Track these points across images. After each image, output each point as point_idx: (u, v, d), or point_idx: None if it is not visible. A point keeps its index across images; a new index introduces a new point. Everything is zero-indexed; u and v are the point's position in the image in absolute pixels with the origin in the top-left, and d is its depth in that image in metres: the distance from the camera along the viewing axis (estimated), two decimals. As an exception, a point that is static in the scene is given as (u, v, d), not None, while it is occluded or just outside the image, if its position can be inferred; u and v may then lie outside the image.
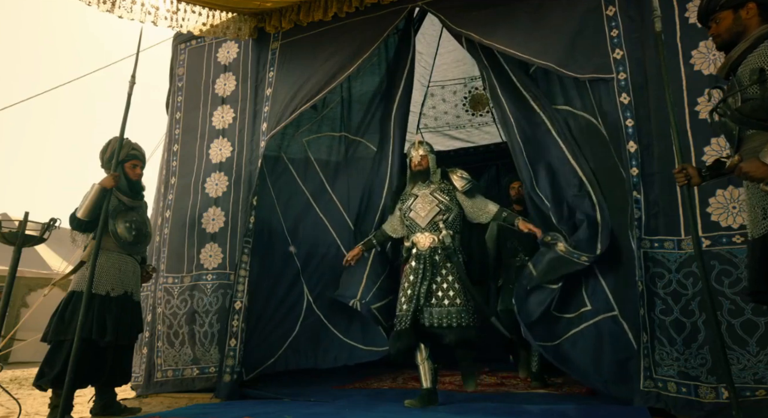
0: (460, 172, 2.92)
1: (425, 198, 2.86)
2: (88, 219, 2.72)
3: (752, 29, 1.56)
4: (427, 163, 2.90)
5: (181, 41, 3.92)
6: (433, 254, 2.70)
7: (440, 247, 2.72)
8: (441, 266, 2.68)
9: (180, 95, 3.82)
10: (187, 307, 3.27)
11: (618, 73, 2.58)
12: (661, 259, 2.33)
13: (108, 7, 2.71)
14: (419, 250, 2.74)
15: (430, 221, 2.78)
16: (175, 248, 3.40)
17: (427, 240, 2.74)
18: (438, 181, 2.91)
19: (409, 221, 2.87)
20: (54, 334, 2.59)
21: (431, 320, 2.57)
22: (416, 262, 2.72)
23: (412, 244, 2.81)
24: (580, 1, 2.69)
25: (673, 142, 2.30)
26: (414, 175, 2.93)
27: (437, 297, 2.61)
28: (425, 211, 2.82)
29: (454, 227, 2.82)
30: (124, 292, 2.79)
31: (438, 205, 2.81)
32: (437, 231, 2.75)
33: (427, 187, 2.89)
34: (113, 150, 2.77)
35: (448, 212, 2.81)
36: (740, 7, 1.58)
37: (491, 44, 2.82)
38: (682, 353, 2.18)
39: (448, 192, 2.86)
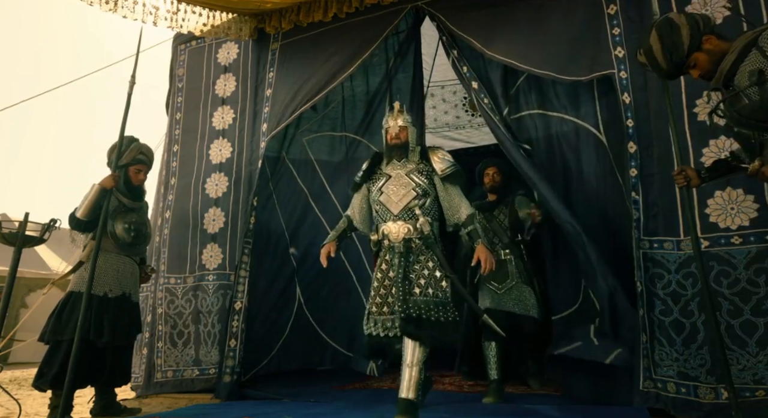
0: (442, 152, 2.51)
1: (399, 180, 2.42)
2: (88, 219, 2.73)
3: (726, 47, 1.62)
4: (406, 136, 2.47)
5: (181, 42, 3.92)
6: (407, 247, 2.31)
7: (417, 237, 2.32)
8: (418, 259, 2.30)
9: (180, 96, 3.82)
10: (191, 307, 3.28)
11: (619, 71, 2.58)
12: (661, 259, 2.33)
13: (111, 6, 2.72)
14: (392, 242, 2.34)
15: (405, 207, 2.36)
16: (177, 249, 3.41)
17: (400, 230, 2.33)
18: (417, 160, 2.48)
19: (378, 205, 2.44)
20: (51, 334, 2.60)
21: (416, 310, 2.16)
22: (391, 254, 2.33)
23: (383, 235, 2.39)
24: (581, 2, 2.69)
25: (672, 144, 2.33)
26: (389, 150, 2.49)
27: (419, 285, 2.23)
28: (399, 195, 2.39)
29: (432, 214, 2.42)
30: (122, 293, 2.79)
31: (415, 188, 2.39)
32: (412, 219, 2.34)
33: (402, 167, 2.46)
34: (120, 152, 2.78)
35: (425, 196, 2.40)
36: (702, 45, 1.66)
37: (493, 55, 2.81)
38: (682, 353, 2.18)
39: (427, 174, 2.44)
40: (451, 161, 2.46)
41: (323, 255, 2.45)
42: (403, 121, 2.51)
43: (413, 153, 2.51)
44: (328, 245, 2.49)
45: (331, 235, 2.57)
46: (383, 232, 2.39)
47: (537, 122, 3.15)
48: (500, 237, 3.01)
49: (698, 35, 1.66)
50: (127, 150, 2.83)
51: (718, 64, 1.61)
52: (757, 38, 1.52)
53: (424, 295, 2.21)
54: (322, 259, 2.45)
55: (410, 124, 2.55)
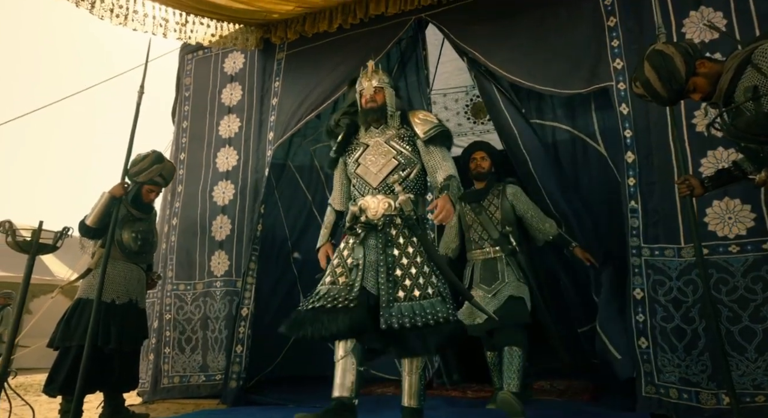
0: (424, 113, 2.24)
1: (378, 148, 2.14)
2: (97, 226, 2.78)
3: (720, 68, 1.68)
4: (382, 98, 2.16)
5: (188, 52, 3.99)
6: (387, 226, 2.02)
7: (398, 215, 2.03)
8: (399, 242, 2.00)
9: (187, 105, 3.88)
10: (200, 313, 3.32)
11: (618, 82, 2.64)
12: (662, 266, 2.37)
13: (121, 20, 2.78)
14: (369, 219, 2.05)
15: (385, 179, 2.09)
16: (186, 255, 3.45)
17: (380, 205, 2.05)
18: (397, 125, 2.20)
19: (356, 178, 2.17)
20: (60, 340, 2.65)
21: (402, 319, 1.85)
22: (364, 231, 2.03)
23: (360, 210, 2.09)
24: (581, 14, 2.75)
25: (672, 153, 2.40)
26: (365, 115, 2.18)
27: (403, 287, 1.92)
28: (378, 165, 2.10)
29: (417, 188, 2.14)
30: (129, 300, 2.84)
31: (396, 157, 2.11)
32: (394, 193, 2.07)
33: (381, 134, 2.17)
34: (141, 167, 2.86)
35: (409, 166, 2.11)
36: (697, 69, 1.73)
37: (495, 69, 2.87)
38: (683, 359, 2.22)
39: (409, 140, 2.15)
40: (434, 122, 2.16)
41: (322, 260, 2.24)
42: (379, 82, 2.17)
43: (393, 118, 2.20)
44: (325, 248, 2.26)
45: (322, 234, 2.31)
46: (360, 206, 2.09)
47: (537, 132, 3.23)
48: (490, 232, 2.65)
49: (691, 61, 1.72)
50: (149, 169, 2.88)
51: (716, 85, 1.66)
52: (750, 56, 1.58)
53: (410, 299, 1.91)
54: (322, 264, 2.23)
55: (388, 84, 2.21)
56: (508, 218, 2.67)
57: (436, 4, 3.16)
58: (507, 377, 2.36)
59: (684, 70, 1.72)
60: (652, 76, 1.76)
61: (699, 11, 2.50)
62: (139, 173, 2.89)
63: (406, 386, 2.02)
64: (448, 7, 3.15)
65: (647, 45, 2.45)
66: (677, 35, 2.51)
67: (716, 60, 1.79)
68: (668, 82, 1.74)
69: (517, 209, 2.70)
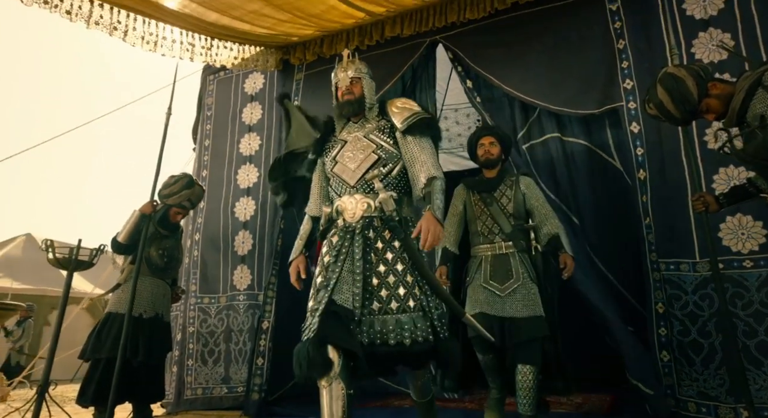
0: (402, 100, 2.00)
1: (357, 143, 1.91)
2: (128, 243, 2.90)
3: (731, 89, 1.74)
4: (360, 90, 1.95)
5: (209, 73, 4.15)
6: (366, 229, 1.79)
7: (378, 216, 1.80)
8: (377, 247, 1.76)
9: (209, 123, 4.03)
10: (224, 325, 3.42)
11: (628, 102, 2.72)
12: (677, 281, 2.42)
13: (151, 46, 2.93)
14: (346, 222, 1.82)
15: (363, 176, 1.85)
16: (209, 270, 3.56)
17: (358, 206, 1.82)
18: (376, 117, 1.97)
19: (333, 178, 1.94)
20: (91, 352, 2.75)
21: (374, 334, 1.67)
22: (341, 238, 1.79)
23: (336, 212, 1.87)
24: (591, 37, 2.85)
25: (685, 169, 2.47)
26: (341, 109, 1.97)
27: (379, 298, 1.70)
28: (356, 161, 1.87)
29: (401, 187, 1.88)
30: (156, 314, 2.95)
31: (376, 151, 1.87)
32: (374, 192, 1.82)
33: (361, 128, 1.95)
34: (172, 191, 2.98)
35: (391, 161, 1.87)
36: (709, 91, 1.78)
37: (509, 91, 2.98)
38: (701, 373, 2.25)
39: (390, 132, 1.92)
40: (413, 109, 1.91)
41: (293, 274, 1.95)
42: (356, 72, 1.97)
43: (371, 111, 1.97)
44: (296, 262, 1.96)
45: (296, 246, 2.02)
46: (337, 208, 1.87)
47: (558, 146, 3.31)
48: (501, 225, 2.41)
49: (703, 83, 1.78)
50: (179, 194, 3.00)
51: (729, 105, 1.72)
52: (761, 78, 1.64)
53: (385, 312, 1.69)
54: (292, 279, 1.96)
55: (366, 75, 1.99)
56: (520, 211, 2.46)
57: (449, 26, 3.28)
58: (521, 398, 2.17)
59: (696, 92, 1.78)
60: (665, 98, 1.82)
61: (708, 32, 2.58)
62: (169, 196, 3.01)
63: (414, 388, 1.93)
64: (462, 29, 3.27)
65: (658, 65, 2.56)
66: (687, 56, 2.59)
67: (728, 81, 1.85)
68: (681, 104, 1.80)
69: (529, 200, 2.47)
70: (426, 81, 3.79)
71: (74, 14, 2.54)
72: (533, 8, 3.05)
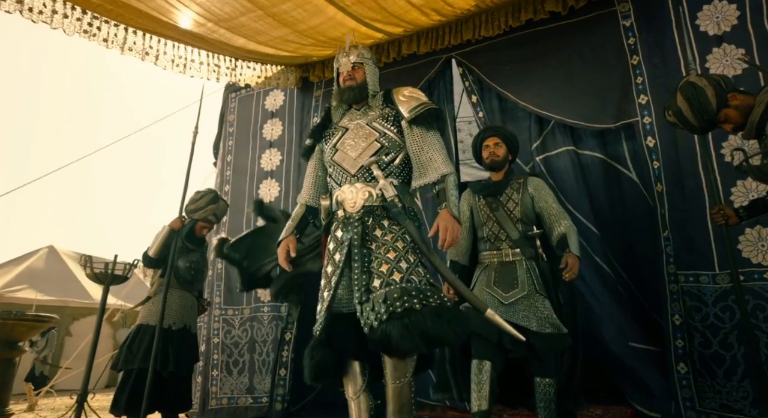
0: (410, 89, 1.91)
1: (359, 130, 1.82)
2: (158, 257, 3.02)
3: (751, 101, 1.77)
4: (363, 76, 1.88)
5: (231, 91, 4.30)
6: (367, 218, 1.70)
7: (379, 205, 1.71)
8: (375, 234, 1.67)
9: (231, 139, 4.16)
10: (248, 336, 3.50)
11: (643, 117, 2.78)
12: (697, 293, 2.45)
13: (180, 69, 3.07)
14: (347, 212, 1.74)
15: (365, 164, 1.76)
16: (233, 282, 3.65)
17: (359, 195, 1.73)
18: (380, 105, 1.89)
19: (332, 167, 1.85)
20: (123, 363, 2.85)
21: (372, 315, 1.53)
22: (344, 231, 1.71)
23: (336, 203, 1.78)
24: (605, 54, 2.91)
25: (702, 182, 2.51)
26: (342, 95, 1.90)
27: (380, 274, 1.58)
28: (358, 149, 1.78)
29: (404, 176, 1.80)
30: (184, 325, 3.05)
31: (379, 139, 1.79)
32: (376, 180, 1.74)
33: (363, 115, 1.87)
34: (198, 206, 3.10)
35: (393, 150, 1.79)
36: (729, 102, 1.81)
37: (525, 106, 3.06)
38: (724, 385, 2.27)
39: (394, 120, 1.83)
40: (421, 99, 1.83)
41: (281, 254, 1.83)
42: (358, 57, 1.89)
43: (375, 99, 1.90)
44: (286, 241, 1.85)
45: (287, 226, 1.92)
46: (337, 199, 1.78)
47: (573, 158, 3.35)
48: (508, 231, 2.27)
49: (723, 93, 1.81)
50: (205, 208, 3.12)
51: (748, 117, 1.75)
52: None
53: (387, 284, 1.55)
54: (280, 260, 1.84)
55: (369, 60, 1.93)
56: (529, 215, 2.31)
57: (465, 44, 3.37)
58: (542, 410, 2.07)
59: (715, 102, 1.80)
60: (684, 106, 1.85)
61: (721, 48, 2.63)
62: (196, 211, 3.13)
63: (389, 398, 1.57)
64: (477, 46, 3.36)
65: (672, 81, 2.61)
66: (701, 71, 2.63)
67: (748, 93, 1.86)
68: (699, 113, 1.83)
69: (537, 203, 2.32)
70: (443, 95, 3.87)
71: (110, 42, 2.68)
72: (547, 25, 3.13)
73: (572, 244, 2.20)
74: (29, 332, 3.26)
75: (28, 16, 2.29)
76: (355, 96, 1.88)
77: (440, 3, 2.87)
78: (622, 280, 3.12)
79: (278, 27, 2.81)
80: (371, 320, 1.52)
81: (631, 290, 3.15)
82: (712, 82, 1.85)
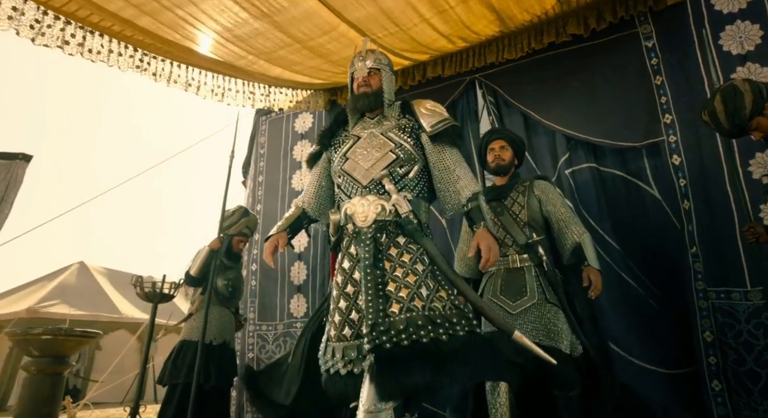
0: (432, 103, 1.82)
1: (372, 140, 1.72)
2: (199, 276, 3.17)
3: None
4: (378, 83, 1.78)
5: (262, 114, 4.50)
6: (379, 233, 1.58)
7: (393, 220, 1.59)
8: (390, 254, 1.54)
9: (262, 161, 4.34)
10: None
11: (668, 136, 2.83)
12: (729, 310, 2.46)
13: (219, 97, 3.26)
14: (357, 227, 1.62)
15: (378, 176, 1.65)
16: (267, 298, 3.80)
17: (371, 209, 1.61)
18: (397, 115, 1.79)
19: (341, 177, 1.73)
20: (169, 377, 2.99)
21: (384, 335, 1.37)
22: (357, 246, 1.59)
23: (346, 218, 1.66)
24: (628, 75, 2.98)
25: (730, 199, 2.54)
26: (356, 101, 1.79)
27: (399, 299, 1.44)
28: (370, 160, 1.67)
29: (419, 190, 1.69)
30: (224, 341, 3.18)
31: (394, 150, 1.68)
32: (389, 193, 1.62)
33: (377, 125, 1.77)
34: (231, 221, 3.26)
35: (408, 163, 1.68)
36: (765, 110, 1.84)
37: (550, 125, 3.13)
38: (760, 403, 2.27)
39: (412, 132, 1.73)
40: (444, 115, 1.75)
41: (267, 251, 1.78)
42: (375, 62, 1.79)
43: (391, 108, 1.80)
44: (275, 237, 1.80)
45: (279, 224, 1.87)
46: (346, 212, 1.66)
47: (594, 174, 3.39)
48: (514, 235, 2.15)
49: (761, 102, 1.83)
50: (238, 223, 3.29)
51: None
52: None
53: (408, 310, 1.40)
54: (266, 255, 1.78)
55: (386, 67, 1.82)
56: (536, 219, 2.21)
57: (488, 66, 3.48)
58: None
59: (750, 108, 1.82)
60: (720, 107, 1.88)
61: (746, 67, 2.68)
62: (230, 227, 3.29)
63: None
64: (500, 68, 3.47)
65: (697, 100, 2.67)
66: (725, 91, 2.70)
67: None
68: (732, 117, 1.85)
69: (545, 206, 2.22)
70: (466, 114, 3.97)
71: (158, 75, 2.88)
72: (569, 47, 3.21)
73: (590, 256, 2.10)
74: (77, 347, 3.44)
75: (88, 57, 2.50)
76: (370, 103, 1.76)
77: (466, 31, 3.00)
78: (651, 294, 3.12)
79: (313, 58, 2.97)
80: (384, 339, 1.33)
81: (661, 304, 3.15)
82: (754, 88, 1.86)
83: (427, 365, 1.30)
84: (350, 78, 1.86)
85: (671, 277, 2.76)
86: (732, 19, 2.77)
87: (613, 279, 2.87)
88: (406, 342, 1.33)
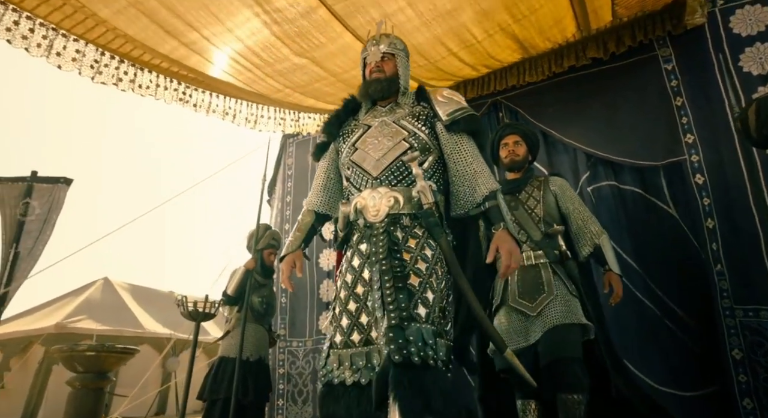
0: (449, 91, 1.71)
1: (384, 128, 1.60)
2: (236, 295, 3.31)
3: None
4: (392, 69, 1.67)
5: (289, 136, 4.67)
6: (393, 227, 1.45)
7: (409, 214, 1.47)
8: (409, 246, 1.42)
9: (290, 182, 4.50)
10: (310, 367, 3.73)
11: (690, 155, 2.90)
12: (758, 327, 2.50)
13: (252, 124, 3.43)
14: (368, 221, 1.50)
15: (390, 166, 1.52)
16: (297, 316, 3.92)
17: (383, 202, 1.49)
18: (411, 102, 1.69)
19: (351, 168, 1.61)
20: (209, 393, 3.11)
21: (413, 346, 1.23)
22: (368, 243, 1.46)
23: (355, 212, 1.53)
24: (648, 96, 3.05)
25: (755, 217, 2.59)
26: (367, 87, 1.66)
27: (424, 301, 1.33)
28: (382, 149, 1.55)
29: (434, 182, 1.57)
30: (259, 357, 3.30)
31: (407, 139, 1.56)
32: (402, 184, 1.51)
33: (390, 113, 1.65)
34: (258, 237, 3.41)
35: (423, 152, 1.56)
36: None
37: (571, 143, 3.22)
38: (794, 422, 2.30)
39: (426, 120, 1.62)
40: (462, 103, 1.64)
41: (285, 272, 1.63)
42: (389, 46, 1.67)
43: (405, 96, 1.70)
44: (291, 257, 1.65)
45: (294, 238, 1.71)
46: (356, 206, 1.53)
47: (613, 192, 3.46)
48: (529, 231, 2.08)
49: None
50: (263, 237, 3.44)
51: None
52: None
53: (431, 322, 1.29)
54: (283, 279, 1.64)
55: (401, 52, 1.70)
56: (552, 215, 2.13)
57: (509, 89, 3.60)
58: None
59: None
60: (752, 117, 1.90)
61: (767, 87, 2.76)
62: (258, 241, 3.43)
63: None
64: (521, 90, 3.58)
65: (719, 121, 2.75)
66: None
67: None
68: (762, 125, 1.87)
69: (563, 203, 2.16)
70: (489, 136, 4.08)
71: (198, 106, 3.06)
72: (589, 69, 3.31)
73: (611, 260, 2.05)
74: (117, 362, 3.58)
75: (138, 92, 2.69)
76: (383, 90, 1.64)
77: (490, 60, 3.13)
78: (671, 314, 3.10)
79: (346, 89, 3.13)
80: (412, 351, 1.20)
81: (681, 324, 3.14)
82: None
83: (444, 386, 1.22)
84: (362, 63, 1.74)
85: (692, 295, 2.75)
86: (751, 41, 2.85)
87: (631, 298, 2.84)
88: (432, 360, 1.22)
